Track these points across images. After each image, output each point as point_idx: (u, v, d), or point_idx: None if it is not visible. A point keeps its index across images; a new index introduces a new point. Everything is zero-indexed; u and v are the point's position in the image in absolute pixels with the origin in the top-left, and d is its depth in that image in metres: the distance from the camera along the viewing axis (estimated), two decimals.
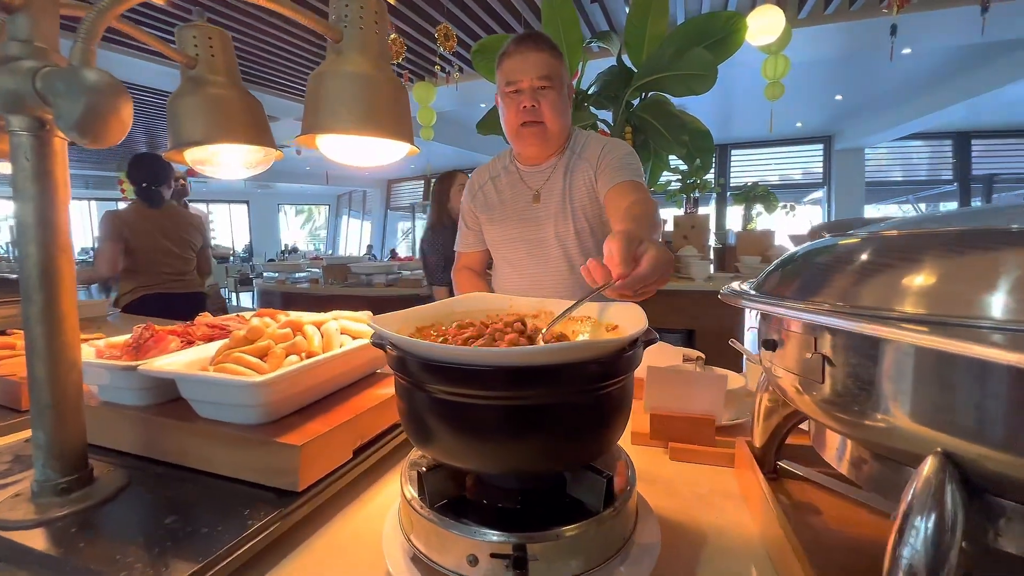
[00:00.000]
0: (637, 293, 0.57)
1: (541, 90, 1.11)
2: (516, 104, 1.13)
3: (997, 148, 8.83)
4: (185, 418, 0.66)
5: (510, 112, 1.15)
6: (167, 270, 2.44)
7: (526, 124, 1.14)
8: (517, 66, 1.11)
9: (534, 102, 1.11)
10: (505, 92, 1.14)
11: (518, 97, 1.12)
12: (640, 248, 0.57)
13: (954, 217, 0.43)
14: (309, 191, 15.07)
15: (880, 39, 4.23)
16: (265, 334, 0.73)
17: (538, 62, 1.10)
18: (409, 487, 0.51)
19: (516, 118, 1.14)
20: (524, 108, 1.12)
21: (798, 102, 6.90)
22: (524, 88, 1.11)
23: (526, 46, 1.11)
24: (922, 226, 0.42)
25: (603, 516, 0.46)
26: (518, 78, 1.11)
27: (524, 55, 1.11)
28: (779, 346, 0.46)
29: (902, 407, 0.34)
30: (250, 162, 0.92)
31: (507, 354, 0.41)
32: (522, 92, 1.12)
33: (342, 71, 0.73)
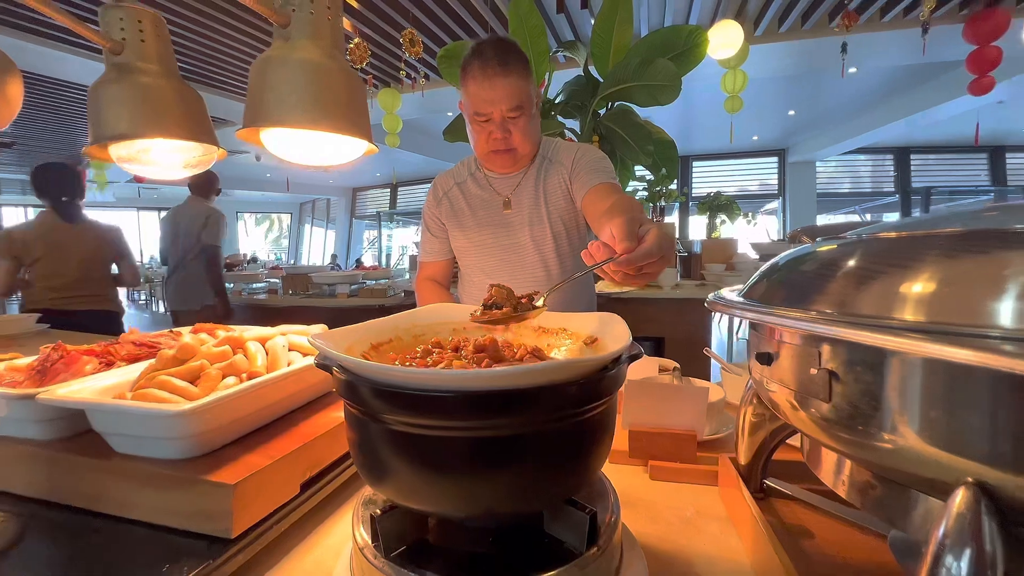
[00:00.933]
0: (640, 273, 0.55)
1: (512, 119, 1.07)
2: (485, 132, 1.08)
3: (933, 163, 9.47)
4: (97, 454, 0.57)
5: (479, 138, 1.10)
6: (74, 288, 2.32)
7: (496, 152, 1.10)
8: (486, 96, 1.04)
9: (505, 132, 1.07)
10: (474, 119, 1.08)
11: (487, 126, 1.08)
12: (642, 228, 0.56)
13: (953, 218, 0.40)
14: (270, 199, 14.58)
15: (830, 57, 4.45)
16: (199, 353, 0.64)
17: (508, 92, 1.03)
18: (361, 531, 0.44)
19: (486, 145, 1.10)
20: (495, 138, 1.08)
21: (754, 116, 7.19)
22: (495, 119, 1.06)
23: (493, 71, 1.02)
24: (921, 227, 0.38)
25: (587, 557, 0.40)
26: (487, 110, 1.05)
27: (493, 83, 1.02)
28: (774, 359, 0.42)
29: (925, 430, 0.30)
30: (188, 161, 0.83)
31: (476, 377, 0.35)
32: (492, 122, 1.07)
33: (289, 58, 0.66)
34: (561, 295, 1.20)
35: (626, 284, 0.60)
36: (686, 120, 7.88)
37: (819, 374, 0.35)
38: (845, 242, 0.42)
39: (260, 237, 18.73)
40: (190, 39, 4.22)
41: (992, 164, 9.08)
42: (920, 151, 9.38)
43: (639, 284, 0.61)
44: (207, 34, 4.13)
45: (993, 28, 3.52)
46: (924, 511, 0.35)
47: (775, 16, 3.99)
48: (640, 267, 0.55)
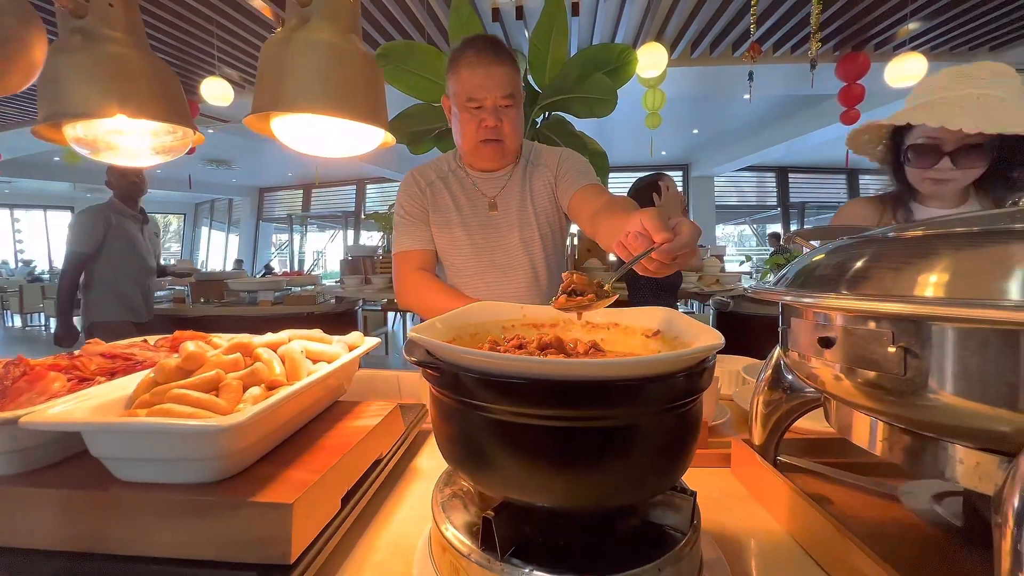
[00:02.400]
0: (674, 262, 0.60)
1: (504, 108, 1.07)
2: (476, 120, 1.07)
3: (806, 181, 10.97)
4: (94, 485, 0.48)
5: (469, 127, 1.09)
6: None
7: (486, 142, 1.09)
8: (480, 82, 1.04)
9: (497, 121, 1.07)
10: (465, 106, 1.07)
11: (479, 113, 1.07)
12: (671, 220, 0.59)
13: (953, 222, 0.48)
14: (159, 197, 12.97)
15: (732, 83, 5.00)
16: (209, 362, 0.56)
17: (503, 79, 1.05)
18: (459, 535, 0.42)
19: (476, 134, 1.09)
20: (487, 126, 1.07)
21: (664, 133, 7.83)
22: (487, 106, 1.06)
23: (488, 58, 1.04)
24: (935, 228, 0.46)
25: (690, 538, 0.42)
26: (481, 95, 1.05)
27: (488, 70, 1.04)
28: (834, 342, 0.47)
29: (999, 392, 0.36)
30: (161, 146, 0.73)
31: (612, 366, 0.35)
32: (484, 109, 1.06)
33: (311, 39, 0.61)
34: (541, 295, 1.21)
35: (660, 273, 0.63)
36: (604, 132, 8.37)
37: (896, 351, 0.40)
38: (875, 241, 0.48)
39: None
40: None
41: (850, 183, 10.74)
42: (796, 171, 10.82)
43: (670, 272, 0.64)
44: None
45: (858, 69, 4.18)
46: (974, 464, 0.41)
47: (689, 42, 4.39)
48: (676, 256, 0.59)
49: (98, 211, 2.55)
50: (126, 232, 2.61)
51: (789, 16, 3.86)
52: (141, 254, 2.70)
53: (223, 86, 3.91)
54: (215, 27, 3.87)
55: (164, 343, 0.74)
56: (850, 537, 0.49)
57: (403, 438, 0.74)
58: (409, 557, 0.51)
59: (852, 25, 4.00)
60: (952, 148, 1.06)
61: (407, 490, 0.67)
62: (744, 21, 3.90)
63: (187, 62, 4.51)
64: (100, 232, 2.51)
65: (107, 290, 2.56)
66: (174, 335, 0.74)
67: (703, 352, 0.38)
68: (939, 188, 1.12)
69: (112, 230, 2.54)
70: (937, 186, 1.11)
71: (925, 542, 0.55)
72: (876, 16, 3.85)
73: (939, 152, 1.07)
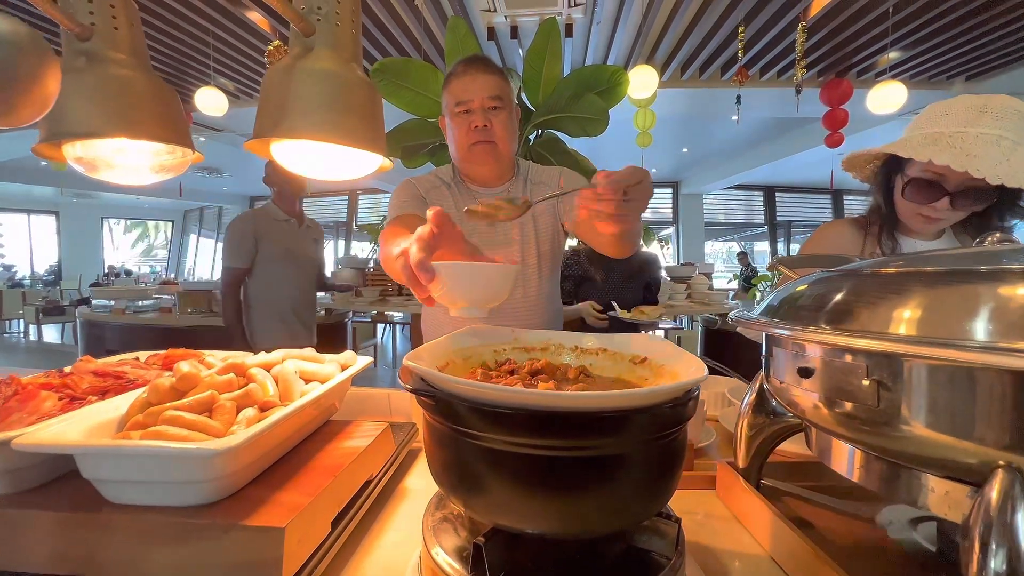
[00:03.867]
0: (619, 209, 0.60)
1: (492, 110, 1.10)
2: (466, 124, 1.10)
3: (793, 200, 11.20)
4: (85, 507, 0.48)
5: (460, 132, 1.11)
6: None
7: (477, 144, 1.11)
8: (467, 86, 1.09)
9: (485, 121, 1.09)
10: (455, 112, 1.11)
11: (468, 117, 1.10)
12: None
13: (927, 259, 0.51)
14: (147, 204, 12.86)
15: (720, 105, 5.12)
16: (203, 382, 0.57)
17: (488, 83, 1.09)
18: (449, 560, 0.43)
19: (467, 138, 1.11)
20: (475, 128, 1.09)
21: (654, 151, 7.97)
22: (475, 108, 1.09)
23: (476, 68, 1.10)
24: (911, 265, 0.48)
25: (675, 564, 0.43)
26: (468, 97, 1.09)
27: (474, 76, 1.09)
28: (812, 373, 0.49)
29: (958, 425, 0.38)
30: (160, 166, 0.74)
31: (598, 398, 0.37)
32: (472, 112, 1.09)
33: (314, 68, 0.63)
34: (532, 315, 1.21)
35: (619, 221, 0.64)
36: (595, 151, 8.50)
37: (869, 384, 0.43)
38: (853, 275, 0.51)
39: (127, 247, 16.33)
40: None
41: (835, 203, 10.99)
42: (782, 190, 11.04)
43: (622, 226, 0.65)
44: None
45: (841, 94, 4.32)
46: (943, 492, 0.43)
47: (679, 65, 4.50)
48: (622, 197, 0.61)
49: (248, 219, 2.26)
50: (282, 240, 2.29)
51: (775, 43, 3.99)
52: (300, 265, 2.38)
53: (218, 96, 3.92)
54: (211, 37, 3.90)
55: (155, 360, 0.74)
56: (828, 562, 0.51)
57: (393, 458, 0.74)
58: None
59: (835, 52, 4.15)
60: (954, 188, 0.98)
61: (396, 511, 0.67)
62: (732, 46, 4.02)
63: (182, 72, 4.52)
64: (251, 243, 2.20)
65: (266, 313, 2.28)
66: (166, 353, 0.74)
67: (688, 385, 0.39)
68: (928, 225, 1.06)
69: (264, 239, 2.23)
70: (926, 223, 1.06)
71: (901, 566, 0.57)
72: (858, 45, 4.00)
73: (940, 191, 0.99)
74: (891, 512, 0.63)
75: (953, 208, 1.00)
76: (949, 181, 0.98)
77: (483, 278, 0.56)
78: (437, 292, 0.56)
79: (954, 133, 0.94)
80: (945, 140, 0.93)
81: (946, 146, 0.92)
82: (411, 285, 0.54)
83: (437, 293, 0.56)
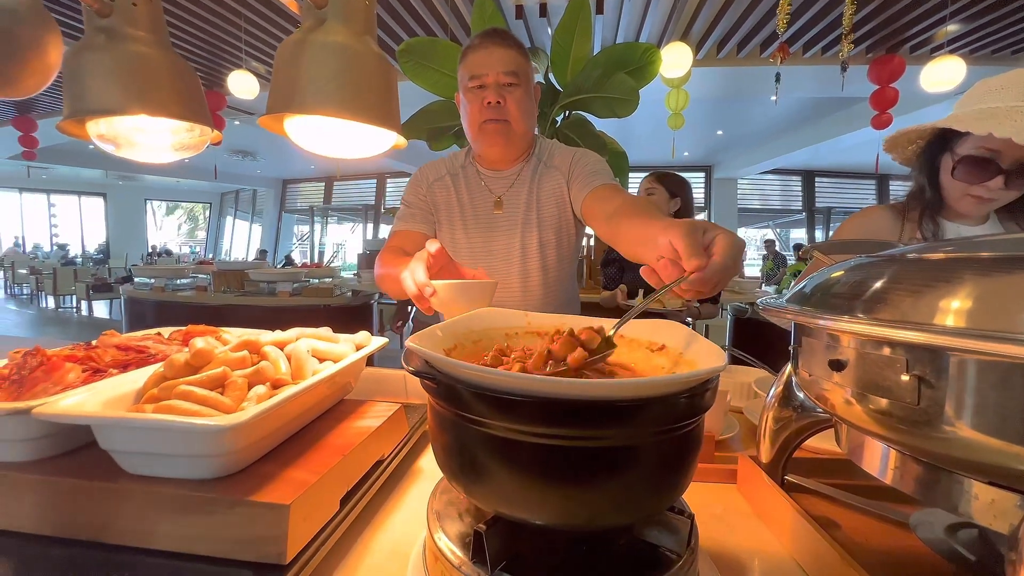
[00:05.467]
0: (714, 287, 0.51)
1: (507, 86, 1.05)
2: (479, 100, 1.06)
3: (833, 185, 10.68)
4: (103, 476, 0.49)
5: (473, 108, 1.07)
6: None
7: (489, 121, 1.07)
8: (482, 60, 1.05)
9: (499, 98, 1.05)
10: (468, 87, 1.07)
11: (482, 92, 1.06)
12: (706, 236, 0.50)
13: (979, 245, 0.46)
14: (186, 187, 13.34)
15: (758, 84, 4.88)
16: (216, 359, 0.57)
17: (504, 57, 1.05)
18: (451, 546, 0.42)
19: (479, 115, 1.07)
20: (488, 104, 1.05)
21: (687, 133, 7.69)
22: (488, 83, 1.05)
23: (492, 41, 1.06)
24: (961, 251, 0.44)
25: (687, 560, 0.41)
26: (483, 71, 1.04)
27: (490, 50, 1.05)
28: (845, 365, 0.46)
29: (1017, 429, 0.34)
30: (179, 144, 0.75)
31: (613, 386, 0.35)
32: (486, 87, 1.05)
33: (326, 41, 0.61)
34: (526, 306, 1.17)
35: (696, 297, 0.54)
36: (625, 132, 8.27)
37: (909, 380, 0.39)
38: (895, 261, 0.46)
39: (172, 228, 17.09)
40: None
41: (879, 189, 10.42)
42: (822, 175, 10.53)
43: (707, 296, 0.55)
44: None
45: (891, 72, 4.05)
46: (989, 500, 0.40)
47: (715, 42, 4.30)
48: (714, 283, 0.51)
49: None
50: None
51: (821, 16, 3.76)
52: None
53: (249, 80, 3.98)
54: (243, 21, 3.94)
55: (177, 336, 0.75)
56: (855, 565, 0.48)
57: (406, 439, 0.74)
58: (405, 561, 0.52)
59: (887, 26, 3.87)
60: (1009, 166, 0.94)
61: (408, 491, 0.67)
62: (773, 21, 3.81)
63: (215, 55, 4.61)
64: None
65: None
66: (187, 329, 0.75)
67: (706, 374, 0.37)
68: (978, 207, 1.01)
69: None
70: (977, 205, 1.00)
71: (935, 573, 0.53)
72: (913, 17, 3.72)
73: (994, 169, 0.94)
74: (926, 515, 0.59)
75: (1007, 187, 0.96)
76: (1004, 158, 0.94)
77: (463, 294, 0.75)
78: (435, 303, 0.73)
79: (1012, 108, 0.89)
80: (1003, 114, 0.89)
81: (1005, 119, 0.88)
82: (415, 299, 0.73)
83: (435, 303, 0.74)
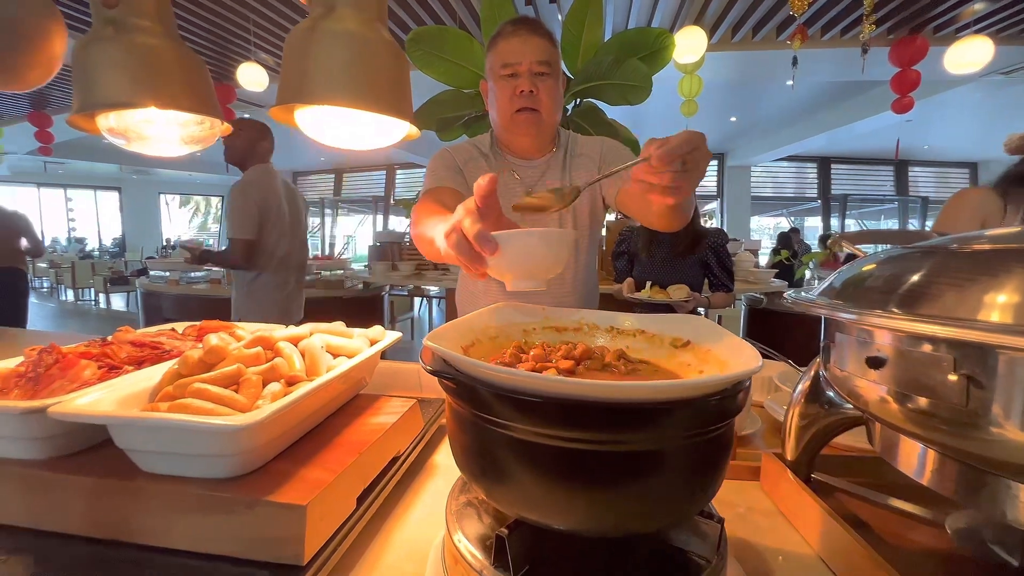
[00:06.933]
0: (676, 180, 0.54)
1: (540, 76, 1.04)
2: (511, 88, 1.04)
3: (850, 172, 10.43)
4: (119, 474, 0.49)
5: (504, 97, 1.05)
6: None
7: (522, 111, 1.05)
8: (515, 47, 1.02)
9: (532, 87, 1.03)
10: (500, 75, 1.04)
11: (514, 81, 1.04)
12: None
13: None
14: (199, 180, 13.44)
15: (775, 69, 4.76)
16: (230, 356, 0.57)
17: (538, 46, 1.03)
18: (473, 550, 0.41)
19: (511, 104, 1.05)
20: (521, 93, 1.03)
21: (700, 120, 7.53)
22: (522, 71, 1.03)
23: (525, 29, 1.04)
24: (1009, 242, 0.41)
25: (716, 566, 0.39)
26: (516, 59, 1.02)
27: (523, 38, 1.03)
28: (885, 363, 0.43)
29: None
30: (190, 136, 0.73)
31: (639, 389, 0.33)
32: (519, 76, 1.03)
33: (336, 29, 0.60)
34: (562, 293, 1.17)
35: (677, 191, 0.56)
36: (636, 120, 8.14)
37: (957, 380, 0.37)
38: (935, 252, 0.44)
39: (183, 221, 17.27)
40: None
41: (897, 176, 10.16)
42: (838, 161, 10.28)
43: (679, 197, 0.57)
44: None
45: (914, 53, 3.91)
46: None
47: (730, 26, 4.19)
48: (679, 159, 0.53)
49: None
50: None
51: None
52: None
53: (258, 72, 3.98)
54: (251, 12, 3.93)
55: (191, 332, 0.75)
56: (885, 566, 0.46)
57: (421, 435, 0.73)
58: (422, 560, 0.51)
59: (910, 5, 3.73)
60: None
61: (423, 488, 0.67)
62: None
63: (224, 48, 4.60)
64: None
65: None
66: (200, 324, 0.75)
67: (739, 376, 0.35)
68: None
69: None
70: None
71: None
72: None
73: None
74: (964, 517, 0.57)
75: None
76: None
77: (544, 246, 0.52)
78: (494, 266, 0.52)
79: None
80: None
81: None
82: (466, 260, 0.51)
83: (494, 267, 0.52)
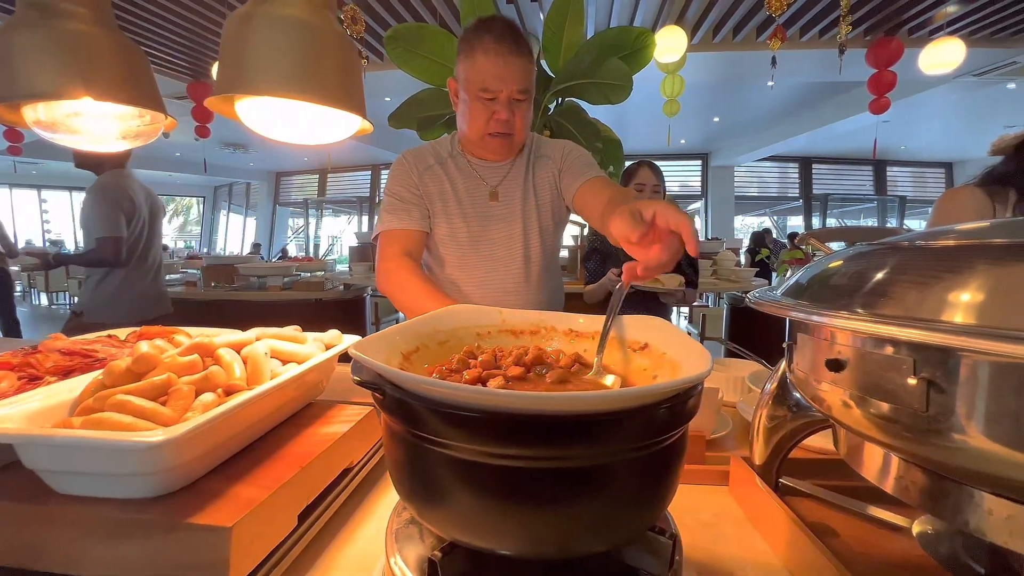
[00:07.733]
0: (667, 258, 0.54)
1: (518, 102, 1.02)
2: (488, 112, 1.02)
3: (830, 172, 10.59)
4: (29, 497, 0.45)
5: (479, 118, 1.03)
6: None
7: (495, 135, 1.04)
8: (498, 73, 0.98)
9: (510, 115, 1.01)
10: (478, 95, 1.01)
11: (492, 105, 1.01)
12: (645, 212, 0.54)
13: (993, 230, 0.41)
14: (179, 180, 13.15)
15: (755, 69, 4.80)
16: (161, 364, 0.53)
17: (520, 73, 0.99)
18: (405, 573, 0.38)
19: (486, 127, 1.03)
20: (499, 119, 1.02)
21: (683, 120, 7.60)
22: (501, 99, 1.00)
23: (507, 48, 0.98)
24: (969, 237, 0.40)
25: None
26: (497, 87, 0.99)
27: (506, 61, 0.98)
28: (845, 366, 0.41)
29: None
30: (128, 131, 0.69)
31: (577, 400, 0.30)
32: (498, 102, 1.01)
33: (277, 14, 0.56)
34: (531, 291, 1.16)
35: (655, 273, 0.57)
36: (620, 120, 8.16)
37: (917, 383, 0.34)
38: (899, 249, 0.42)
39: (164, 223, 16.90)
40: None
41: (876, 176, 10.36)
42: (819, 161, 10.44)
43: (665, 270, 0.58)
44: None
45: (890, 55, 3.97)
46: (1004, 516, 0.36)
47: (711, 26, 4.21)
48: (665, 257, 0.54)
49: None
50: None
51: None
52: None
53: None
54: (227, 8, 3.84)
55: (133, 338, 0.70)
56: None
57: (379, 444, 0.70)
58: None
59: (885, 7, 3.78)
60: None
61: (379, 501, 0.63)
62: None
63: (199, 44, 4.49)
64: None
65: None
66: (142, 330, 0.70)
67: (687, 383, 0.32)
68: None
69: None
70: None
71: None
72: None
73: None
74: (930, 523, 0.55)
75: None
76: None
77: None
78: None
79: None
80: None
81: None
82: None
83: None
